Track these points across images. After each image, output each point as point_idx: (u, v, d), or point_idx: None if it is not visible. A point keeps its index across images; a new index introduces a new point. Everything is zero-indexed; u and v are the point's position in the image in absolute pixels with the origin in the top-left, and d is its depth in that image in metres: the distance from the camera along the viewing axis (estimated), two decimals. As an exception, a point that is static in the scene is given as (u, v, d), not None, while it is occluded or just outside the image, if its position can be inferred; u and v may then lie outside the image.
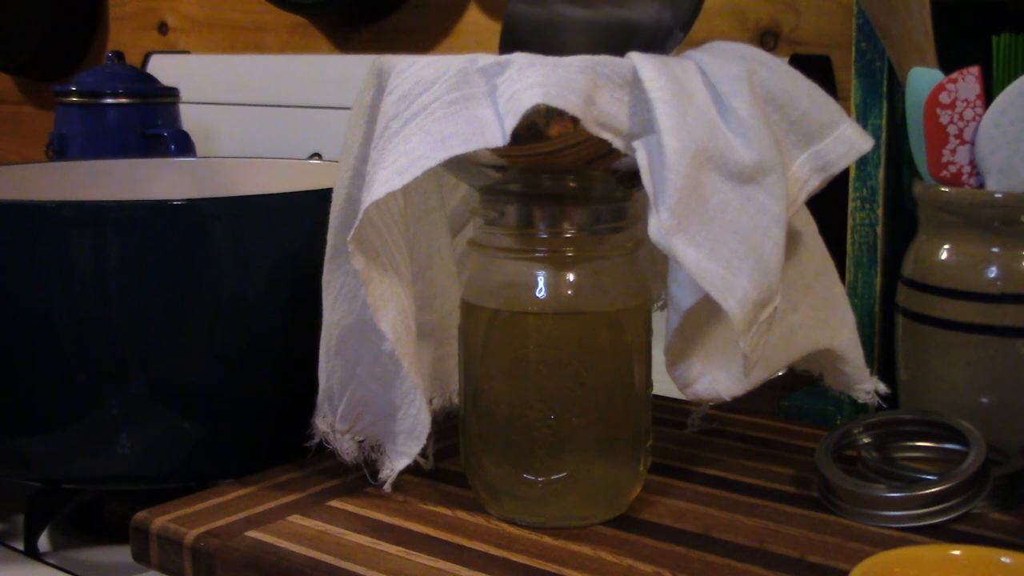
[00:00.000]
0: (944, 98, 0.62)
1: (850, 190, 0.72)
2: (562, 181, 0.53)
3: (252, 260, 0.63)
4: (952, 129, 0.62)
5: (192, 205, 0.63)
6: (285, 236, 0.64)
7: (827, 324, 0.60)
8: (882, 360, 0.71)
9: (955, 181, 0.62)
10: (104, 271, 0.61)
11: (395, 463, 0.55)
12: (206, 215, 0.62)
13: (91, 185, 0.83)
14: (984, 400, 0.61)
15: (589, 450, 0.52)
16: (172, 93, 1.24)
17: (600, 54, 0.48)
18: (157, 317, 0.61)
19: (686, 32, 0.54)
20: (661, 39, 0.52)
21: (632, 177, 0.50)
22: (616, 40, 0.54)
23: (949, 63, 0.63)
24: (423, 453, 0.56)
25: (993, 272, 0.61)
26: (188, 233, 0.61)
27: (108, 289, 0.61)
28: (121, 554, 0.63)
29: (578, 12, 0.57)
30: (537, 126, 0.48)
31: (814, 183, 0.53)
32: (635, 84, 0.49)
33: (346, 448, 0.57)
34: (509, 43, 0.56)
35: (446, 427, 0.60)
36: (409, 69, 0.50)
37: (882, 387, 0.62)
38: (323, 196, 0.55)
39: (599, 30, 0.53)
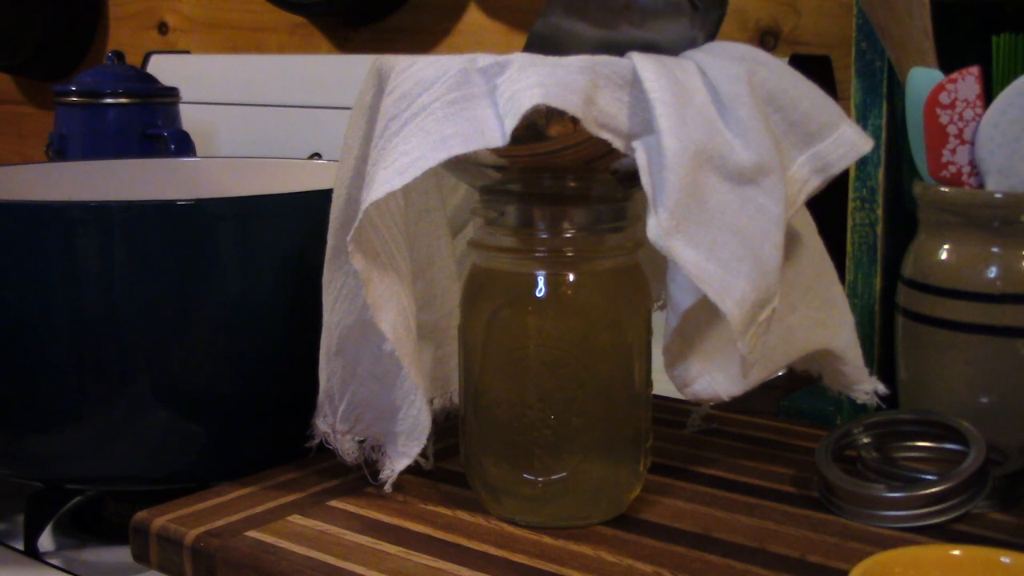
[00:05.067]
0: (944, 98, 0.62)
1: (850, 190, 0.72)
2: (562, 181, 0.53)
3: (256, 260, 0.63)
4: (952, 129, 0.62)
5: (197, 205, 0.63)
6: (289, 236, 0.64)
7: (826, 325, 0.60)
8: (882, 360, 0.71)
9: (955, 181, 0.62)
10: (108, 271, 0.61)
11: (395, 463, 0.55)
12: (211, 215, 0.62)
13: (91, 185, 0.83)
14: (984, 400, 0.61)
15: (589, 450, 0.52)
16: (172, 93, 1.24)
17: None
18: (160, 317, 0.61)
19: None
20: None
21: (632, 177, 0.50)
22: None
23: (949, 63, 0.63)
24: (423, 453, 0.56)
25: (993, 272, 0.61)
26: (193, 233, 0.61)
27: (112, 289, 0.61)
28: (121, 554, 0.63)
29: (596, 32, 0.56)
30: (537, 126, 0.48)
31: (814, 184, 0.53)
32: (635, 84, 0.49)
33: (346, 448, 0.57)
34: None
35: (446, 427, 0.60)
36: (409, 69, 0.50)
37: (881, 387, 0.62)
38: (328, 197, 0.55)
39: (616, 51, 0.51)
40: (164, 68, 1.36)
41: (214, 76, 1.34)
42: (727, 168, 0.49)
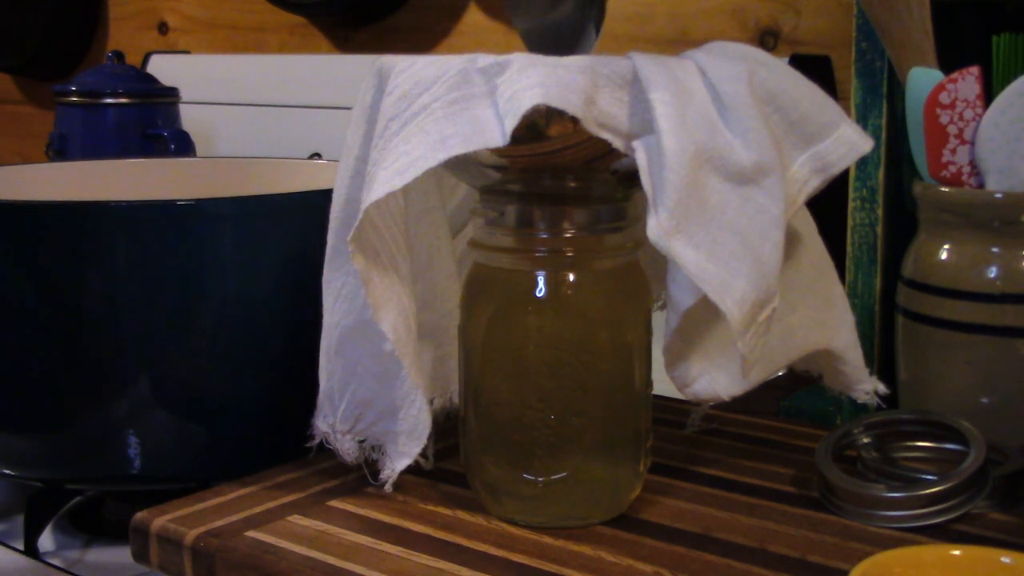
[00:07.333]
0: (944, 98, 0.62)
1: (850, 190, 0.72)
2: (562, 181, 0.53)
3: (256, 260, 0.63)
4: (952, 129, 0.62)
5: (198, 205, 0.63)
6: (289, 236, 0.64)
7: (826, 324, 0.60)
8: (882, 360, 0.71)
9: (955, 181, 0.62)
10: (108, 271, 0.61)
11: (396, 463, 0.55)
12: (211, 215, 0.62)
13: (91, 185, 0.83)
14: (984, 400, 0.61)
15: (589, 450, 0.52)
16: (172, 93, 1.24)
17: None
18: (161, 317, 0.62)
19: (599, 29, 0.58)
20: (578, 37, 0.55)
21: (632, 177, 0.50)
22: (547, 44, 0.59)
23: (949, 63, 0.63)
24: (423, 453, 0.56)
25: (993, 272, 0.61)
26: (193, 233, 0.61)
27: (112, 289, 0.61)
28: (121, 554, 0.63)
29: (520, 22, 0.61)
30: (537, 126, 0.48)
31: (814, 184, 0.53)
32: (635, 84, 0.49)
33: (347, 448, 0.57)
34: None
35: (446, 427, 0.60)
36: (409, 69, 0.50)
37: (881, 387, 0.62)
38: (328, 197, 0.55)
39: (535, 36, 0.58)
40: (164, 68, 1.36)
41: (214, 76, 1.34)
42: (727, 168, 0.49)
